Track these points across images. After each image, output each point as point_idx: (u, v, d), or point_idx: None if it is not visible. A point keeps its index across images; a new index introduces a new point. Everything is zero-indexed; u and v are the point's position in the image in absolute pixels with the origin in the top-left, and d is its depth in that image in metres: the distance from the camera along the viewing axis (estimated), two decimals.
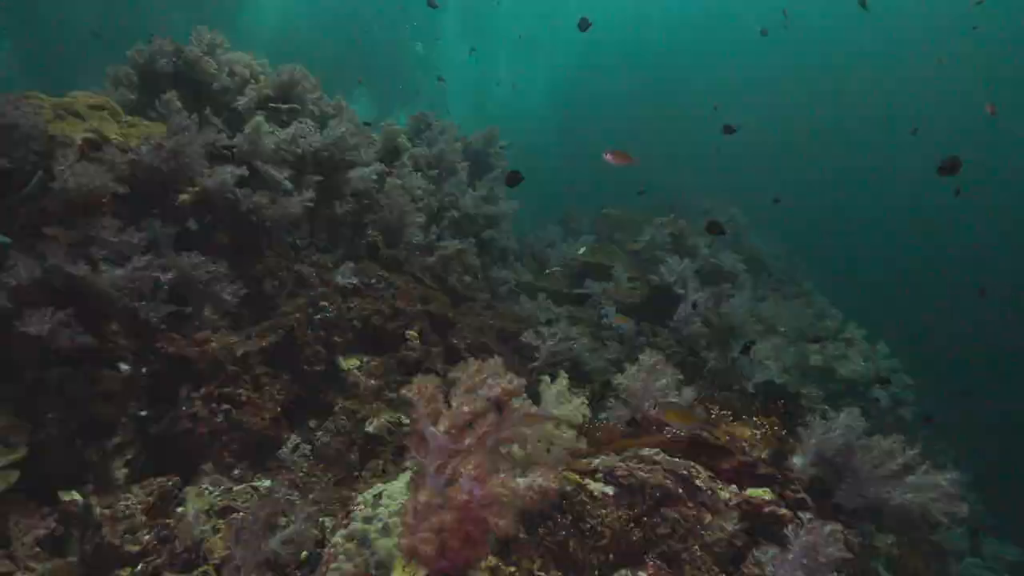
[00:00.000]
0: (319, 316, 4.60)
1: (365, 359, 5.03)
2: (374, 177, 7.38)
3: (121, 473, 3.94)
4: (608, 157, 4.58)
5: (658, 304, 9.32)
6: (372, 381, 4.79)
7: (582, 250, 12.40)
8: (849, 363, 12.31)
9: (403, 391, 2.47)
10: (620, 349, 7.10)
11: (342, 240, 7.00)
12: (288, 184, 5.75)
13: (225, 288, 4.92)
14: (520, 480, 2.20)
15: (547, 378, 2.99)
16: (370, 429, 4.09)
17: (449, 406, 2.47)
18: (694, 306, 8.39)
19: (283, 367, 4.39)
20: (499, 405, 2.54)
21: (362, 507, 2.77)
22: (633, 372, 3.53)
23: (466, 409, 2.36)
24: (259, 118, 5.63)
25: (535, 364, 5.73)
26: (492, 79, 35.44)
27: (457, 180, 9.62)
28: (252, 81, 7.01)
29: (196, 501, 3.02)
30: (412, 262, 7.01)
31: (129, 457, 4.02)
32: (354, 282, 5.57)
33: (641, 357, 3.62)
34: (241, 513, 3.18)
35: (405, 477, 2.85)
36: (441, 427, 2.34)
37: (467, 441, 2.34)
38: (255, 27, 30.31)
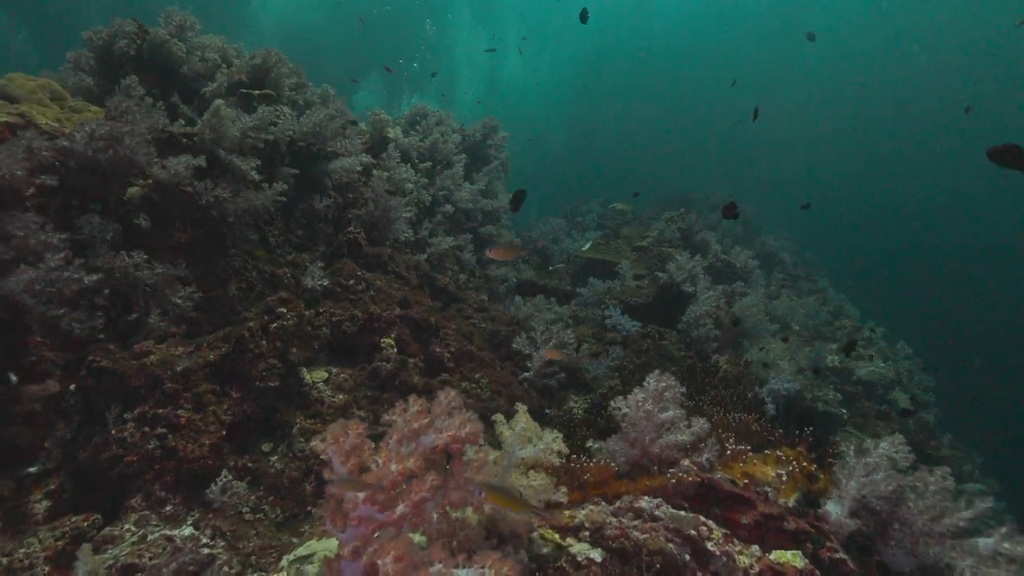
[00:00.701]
0: (276, 324, 4.00)
1: (334, 371, 4.42)
2: (358, 168, 6.77)
3: (41, 507, 3.37)
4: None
5: (666, 303, 8.64)
6: (339, 396, 4.18)
7: (586, 246, 11.72)
8: (868, 364, 11.55)
9: (314, 443, 1.85)
10: (622, 355, 6.45)
11: (322, 237, 6.40)
12: (255, 175, 5.15)
13: (177, 292, 4.33)
14: (461, 573, 1.56)
15: (501, 417, 2.36)
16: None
17: (379, 459, 1.84)
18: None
19: (235, 382, 3.80)
20: (448, 455, 1.92)
21: None
22: (636, 400, 2.88)
23: (395, 468, 1.73)
24: (219, 102, 5.02)
25: (527, 375, 5.10)
26: (502, 68, 34.78)
27: (452, 173, 8.98)
28: (224, 66, 6.41)
29: (88, 560, 2.44)
30: (398, 260, 6.40)
31: (51, 488, 3.45)
32: (324, 284, 4.96)
33: (647, 381, 2.97)
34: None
35: (332, 544, 2.23)
36: (362, 492, 1.71)
37: (399, 510, 1.72)
38: (264, 14, 29.86)
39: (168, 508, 3.23)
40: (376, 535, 1.68)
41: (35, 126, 3.93)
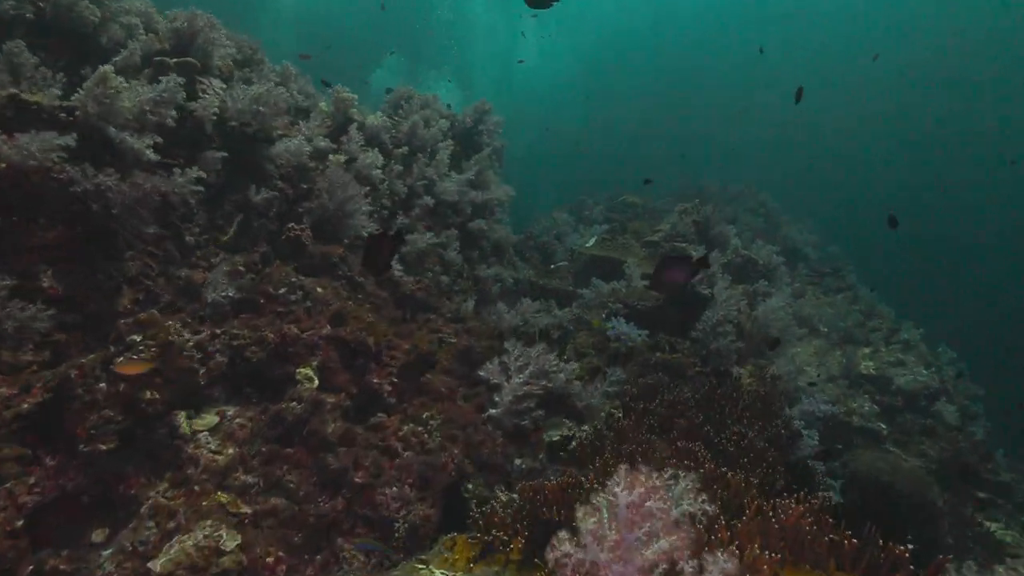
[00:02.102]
0: (123, 358, 2.85)
1: (230, 413, 3.25)
2: (307, 151, 5.58)
3: None
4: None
5: (678, 307, 7.31)
6: (227, 451, 3.00)
7: (590, 242, 10.42)
8: (907, 371, 10.10)
9: None
10: (623, 379, 5.16)
11: (263, 235, 5.23)
12: (151, 154, 3.98)
13: (16, 311, 3.19)
14: None
15: None
16: (158, 568, 2.31)
17: None
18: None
19: (60, 443, 2.66)
20: None
21: None
22: (598, 518, 1.61)
23: None
24: (106, 68, 3.87)
25: (493, 412, 3.84)
26: (520, 52, 33.41)
27: (436, 161, 7.75)
28: (144, 33, 5.26)
29: None
30: (351, 263, 5.21)
31: None
32: (229, 295, 3.78)
33: (616, 489, 1.68)
34: None
35: None
36: None
37: None
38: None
39: None
40: None
41: None
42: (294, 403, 3.24)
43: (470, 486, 3.33)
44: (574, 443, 4.18)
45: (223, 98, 5.09)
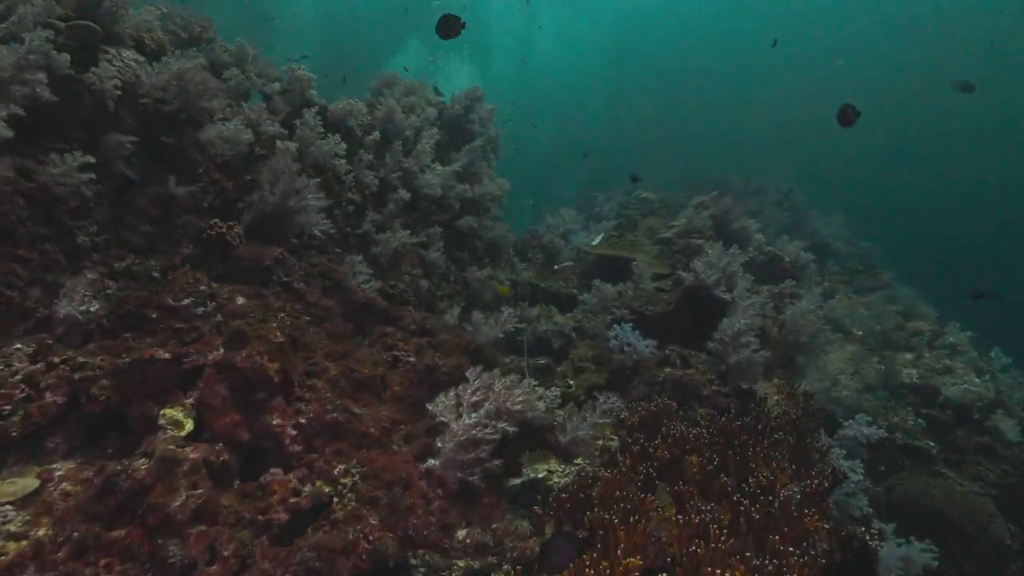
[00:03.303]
0: None
1: (60, 472, 2.33)
2: (248, 139, 4.68)
3: None
4: None
5: (693, 313, 6.23)
6: (33, 534, 2.08)
7: (596, 239, 9.36)
8: (956, 379, 8.81)
9: None
10: (619, 407, 4.07)
11: (189, 235, 4.33)
12: (4, 131, 3.11)
13: None
14: None
15: None
16: None
17: None
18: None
19: None
20: None
21: None
22: None
23: None
24: None
25: (433, 464, 2.80)
26: (538, 39, 32.36)
27: (418, 151, 6.80)
28: None
29: None
30: (292, 266, 4.28)
31: None
32: (89, 311, 2.87)
33: None
34: None
35: None
36: None
37: None
38: None
39: None
40: None
41: None
42: (143, 460, 2.32)
43: None
44: (550, 496, 3.17)
45: (136, 72, 4.21)
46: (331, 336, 4.07)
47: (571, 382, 5.55)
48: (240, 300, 3.70)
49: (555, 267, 9.85)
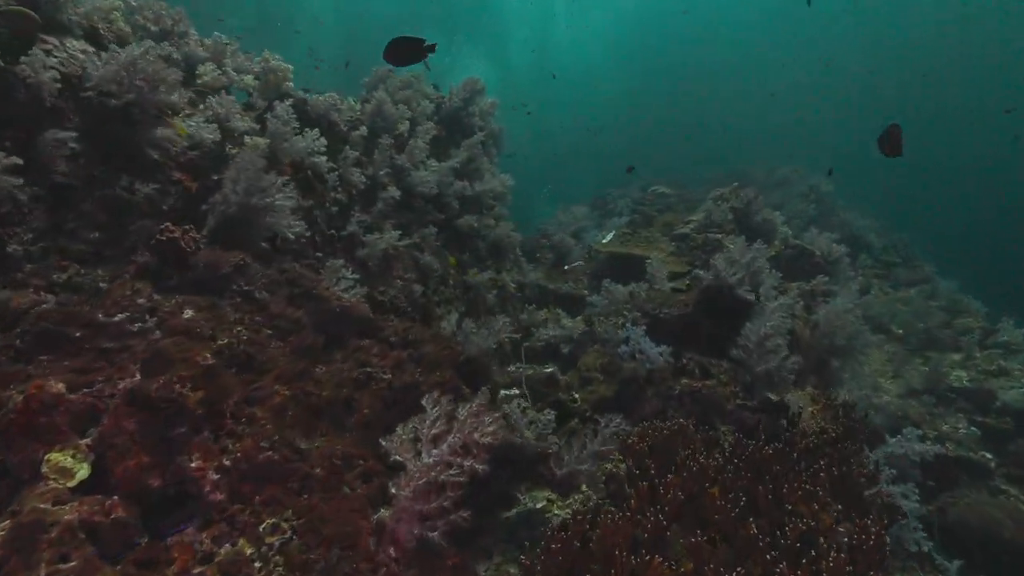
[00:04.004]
0: None
1: None
2: (210, 137, 4.24)
3: None
4: None
5: (713, 316, 5.59)
6: None
7: (608, 237, 8.76)
8: (1014, 382, 7.94)
9: None
10: (626, 430, 3.47)
11: (145, 241, 3.90)
12: None
13: None
14: None
15: None
16: None
17: None
18: None
19: None
20: None
21: None
22: None
23: None
24: None
25: (383, 516, 2.25)
26: (554, 31, 31.84)
27: (411, 146, 6.32)
28: None
29: None
30: (254, 273, 3.81)
31: None
32: None
33: None
34: None
35: None
36: None
37: None
38: None
39: None
40: None
41: None
42: (8, 522, 1.85)
43: None
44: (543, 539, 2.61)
45: (82, 63, 3.80)
46: (297, 351, 3.58)
47: (576, 395, 4.99)
48: (188, 313, 3.23)
49: (565, 267, 9.28)
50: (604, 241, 8.56)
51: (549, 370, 7.15)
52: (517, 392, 5.49)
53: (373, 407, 3.32)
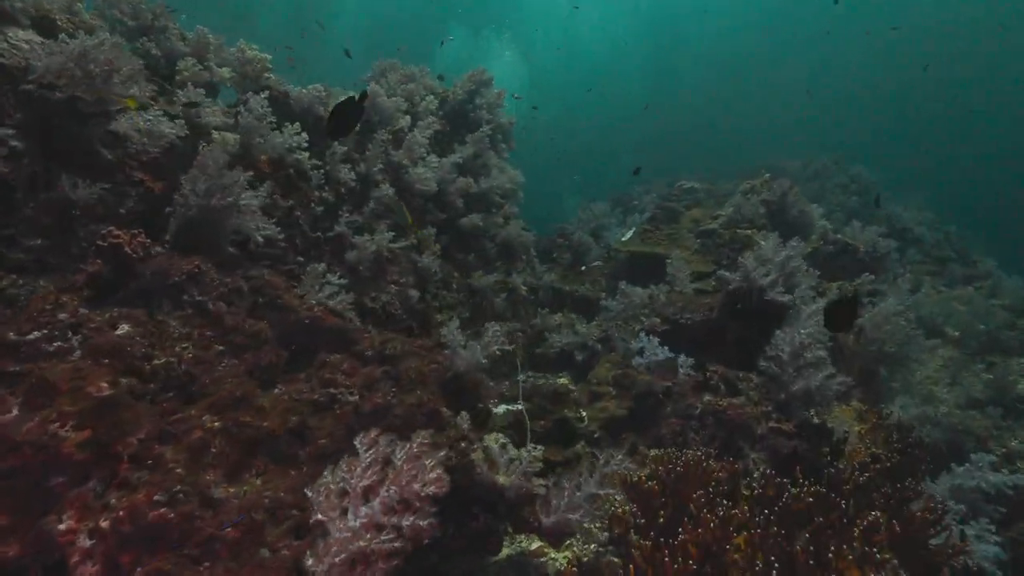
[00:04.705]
0: None
1: None
2: (169, 130, 3.85)
3: None
4: None
5: (741, 321, 4.92)
6: None
7: (627, 235, 8.13)
8: None
9: None
10: (630, 467, 2.84)
11: (92, 245, 3.52)
12: None
13: None
14: None
15: None
16: None
17: None
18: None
19: None
20: None
21: None
22: None
23: None
24: None
25: None
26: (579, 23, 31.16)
27: (409, 140, 5.86)
28: None
29: None
30: (210, 282, 3.38)
31: None
32: None
33: None
34: None
35: None
36: None
37: None
38: None
39: None
40: None
41: None
42: None
43: None
44: None
45: (25, 54, 3.44)
46: (253, 370, 3.14)
47: (583, 413, 4.42)
48: (122, 329, 2.82)
49: (582, 268, 8.69)
50: (623, 239, 7.94)
51: (562, 379, 6.60)
52: (521, 407, 4.96)
53: (334, 435, 2.84)
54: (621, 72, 35.71)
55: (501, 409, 4.94)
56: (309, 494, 1.91)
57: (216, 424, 2.37)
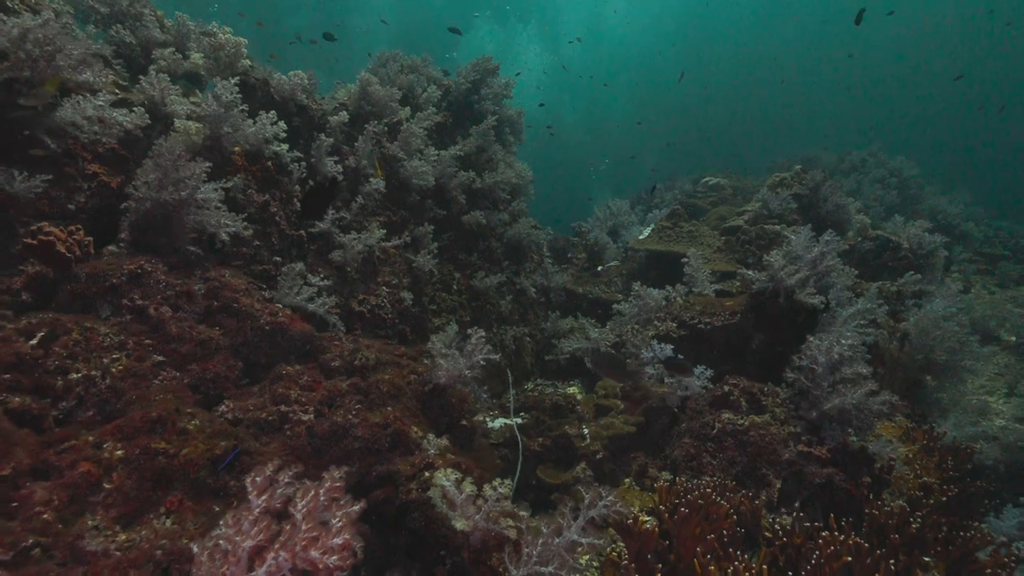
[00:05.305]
0: None
1: None
2: (123, 117, 3.51)
3: None
4: None
5: (767, 327, 4.34)
6: None
7: (645, 232, 7.56)
8: None
9: None
10: (610, 515, 2.34)
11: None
12: None
13: None
14: None
15: None
16: None
17: None
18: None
19: None
20: None
21: None
22: None
23: None
24: None
25: None
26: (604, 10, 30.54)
27: (404, 132, 5.45)
28: None
29: None
30: (151, 285, 3.01)
31: None
32: None
33: None
34: None
35: None
36: None
37: None
38: None
39: None
40: None
41: None
42: None
43: None
44: None
45: None
46: (200, 383, 2.75)
47: (586, 431, 3.91)
48: (36, 339, 2.45)
49: (598, 268, 8.16)
50: (642, 237, 7.38)
51: (572, 388, 6.10)
52: (521, 420, 4.48)
53: (279, 463, 2.41)
54: (650, 66, 34.89)
55: (498, 423, 4.48)
56: (195, 550, 1.49)
57: (119, 453, 1.97)
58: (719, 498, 2.53)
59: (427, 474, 2.41)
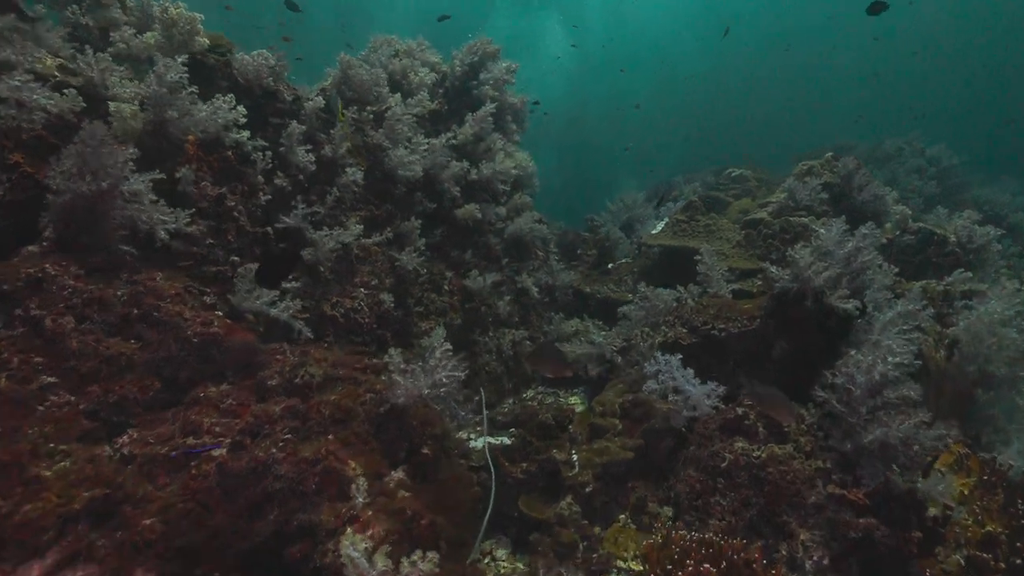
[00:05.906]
0: None
1: None
2: (43, 99, 3.08)
3: None
4: None
5: (791, 334, 3.69)
6: None
7: (659, 227, 6.90)
8: None
9: None
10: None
11: None
12: None
13: None
14: None
15: None
16: None
17: None
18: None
19: None
20: None
21: None
22: None
23: None
24: None
25: None
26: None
27: (390, 118, 4.94)
28: None
29: None
30: (52, 292, 2.56)
31: None
32: None
33: None
34: None
35: None
36: None
37: None
38: None
39: None
40: None
41: None
42: None
43: None
44: None
45: None
46: (101, 407, 2.29)
47: (575, 457, 3.35)
48: None
49: (609, 266, 7.54)
50: (655, 232, 6.73)
51: (573, 399, 5.53)
52: (507, 440, 3.94)
53: (168, 516, 1.92)
54: (674, 54, 33.75)
55: (481, 442, 3.95)
56: None
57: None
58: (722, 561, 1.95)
59: (348, 530, 1.89)
